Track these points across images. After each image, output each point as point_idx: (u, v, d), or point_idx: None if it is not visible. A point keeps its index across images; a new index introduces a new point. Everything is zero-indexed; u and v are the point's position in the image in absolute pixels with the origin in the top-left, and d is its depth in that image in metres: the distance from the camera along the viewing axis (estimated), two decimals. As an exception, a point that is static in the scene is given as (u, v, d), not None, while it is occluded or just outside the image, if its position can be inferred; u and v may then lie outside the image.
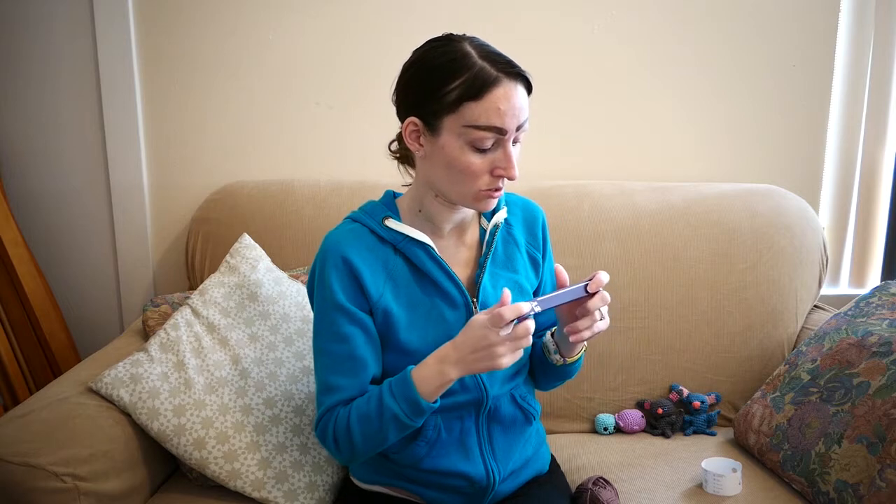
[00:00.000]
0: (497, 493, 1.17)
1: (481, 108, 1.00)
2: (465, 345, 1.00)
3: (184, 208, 1.83)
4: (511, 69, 1.02)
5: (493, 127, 1.01)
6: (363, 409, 1.06)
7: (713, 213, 1.69)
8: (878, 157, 1.97)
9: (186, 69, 1.79)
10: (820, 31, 1.88)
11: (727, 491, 1.29)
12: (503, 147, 1.04)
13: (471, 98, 1.00)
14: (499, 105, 1.00)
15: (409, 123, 1.06)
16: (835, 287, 2.05)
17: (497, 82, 1.00)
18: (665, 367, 1.64)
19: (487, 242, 1.17)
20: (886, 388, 1.21)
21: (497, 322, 0.95)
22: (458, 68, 1.01)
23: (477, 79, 1.00)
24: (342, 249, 1.10)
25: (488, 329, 0.97)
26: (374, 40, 1.80)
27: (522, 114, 1.04)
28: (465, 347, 1.00)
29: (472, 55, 1.02)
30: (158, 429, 1.25)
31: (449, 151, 1.04)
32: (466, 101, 1.01)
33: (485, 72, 1.00)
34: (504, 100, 1.01)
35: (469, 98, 1.00)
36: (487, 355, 0.98)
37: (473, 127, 1.01)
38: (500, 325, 0.95)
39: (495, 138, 1.03)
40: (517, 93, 1.02)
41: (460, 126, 1.02)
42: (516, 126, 1.03)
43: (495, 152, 1.04)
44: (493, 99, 1.00)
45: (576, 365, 1.19)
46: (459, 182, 1.06)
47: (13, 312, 1.74)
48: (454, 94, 1.01)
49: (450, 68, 1.01)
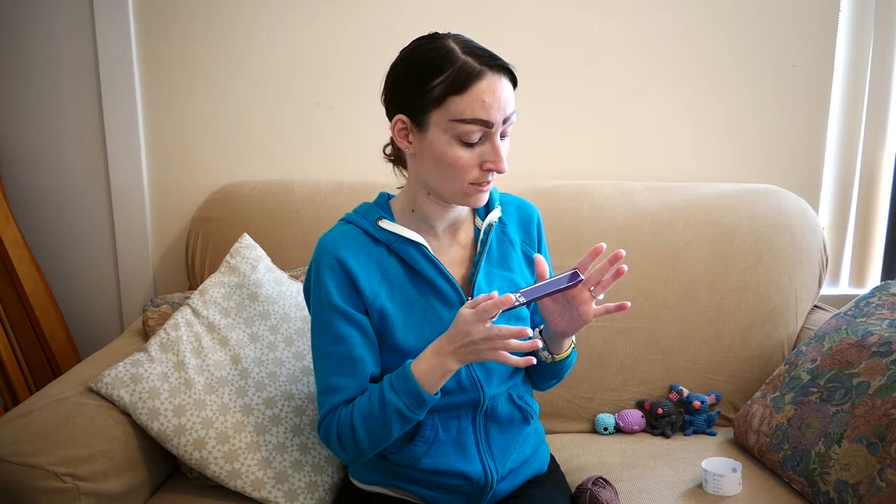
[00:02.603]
0: (496, 493, 1.17)
1: (466, 102, 1.01)
2: (456, 339, 1.01)
3: (184, 208, 1.83)
4: (494, 62, 1.03)
5: (478, 120, 1.02)
6: (365, 406, 1.07)
7: (713, 213, 1.69)
8: (878, 157, 1.98)
9: (186, 69, 1.79)
10: (820, 31, 1.88)
11: (727, 491, 1.29)
12: (491, 140, 1.05)
13: (455, 92, 1.01)
14: (483, 98, 1.01)
15: (398, 121, 1.07)
16: (835, 287, 2.05)
17: (481, 75, 1.01)
18: (665, 367, 1.64)
19: (482, 241, 1.17)
20: (886, 388, 1.22)
21: (483, 317, 0.97)
22: (442, 64, 1.02)
23: (461, 73, 1.01)
24: (336, 251, 1.11)
25: (474, 324, 0.98)
26: (374, 40, 1.79)
27: (508, 106, 1.04)
28: (455, 341, 1.01)
29: (456, 51, 1.03)
30: (158, 429, 1.25)
31: (437, 147, 1.05)
32: (451, 95, 1.02)
33: (468, 65, 1.02)
34: (489, 92, 1.02)
35: (454, 92, 1.01)
36: (476, 350, 1.00)
37: (459, 121, 1.02)
38: (486, 319, 0.97)
39: (482, 131, 1.03)
40: (502, 85, 1.03)
41: (446, 120, 1.03)
42: (503, 119, 1.04)
43: (483, 146, 1.05)
44: (477, 92, 1.01)
45: (566, 362, 1.19)
46: (449, 177, 1.06)
47: (13, 312, 1.74)
48: (439, 89, 1.02)
49: (434, 64, 1.03)
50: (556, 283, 1.02)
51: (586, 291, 1.06)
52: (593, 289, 1.06)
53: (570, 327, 1.10)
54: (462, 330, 1.00)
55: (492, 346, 0.99)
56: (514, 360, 1.00)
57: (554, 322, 1.10)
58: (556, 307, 1.09)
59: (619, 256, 1.03)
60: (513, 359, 1.00)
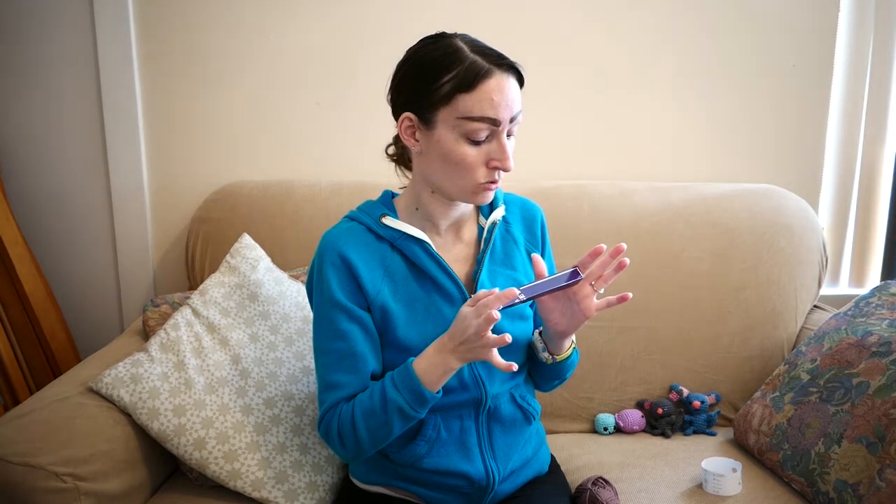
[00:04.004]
0: (497, 494, 1.17)
1: (474, 100, 1.02)
2: (456, 336, 1.01)
3: (184, 208, 1.83)
4: (502, 61, 1.04)
5: (486, 118, 1.02)
6: (366, 403, 1.07)
7: (713, 213, 1.69)
8: (878, 157, 1.97)
9: (187, 69, 1.79)
10: (820, 31, 1.88)
11: (727, 491, 1.29)
12: (497, 139, 1.05)
13: (464, 90, 1.02)
14: (492, 96, 1.02)
15: (405, 119, 1.08)
16: (835, 287, 2.05)
17: (489, 74, 1.02)
18: (665, 367, 1.64)
19: (486, 239, 1.17)
20: (886, 388, 1.22)
21: (482, 312, 0.97)
22: (450, 62, 1.03)
23: (469, 71, 1.02)
24: (339, 247, 1.11)
25: (474, 319, 0.98)
26: (374, 40, 1.79)
27: (515, 105, 1.05)
28: (456, 339, 1.01)
29: (464, 49, 1.04)
30: (158, 429, 1.25)
31: (444, 144, 1.05)
32: (460, 93, 1.02)
33: (477, 64, 1.02)
34: (497, 91, 1.02)
35: (462, 90, 1.02)
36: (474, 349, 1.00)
37: (467, 118, 1.03)
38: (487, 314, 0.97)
39: (489, 129, 1.04)
40: (509, 84, 1.04)
41: (454, 118, 1.03)
42: (510, 117, 1.05)
43: (490, 144, 1.05)
44: (485, 90, 1.02)
45: (567, 363, 1.19)
46: (456, 175, 1.06)
47: (13, 312, 1.74)
48: (447, 87, 1.02)
49: (442, 62, 1.03)
50: (557, 281, 1.03)
51: (587, 286, 1.07)
52: (594, 283, 1.07)
53: (570, 325, 1.10)
54: (462, 326, 1.00)
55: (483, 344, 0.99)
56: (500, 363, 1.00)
57: (553, 321, 1.10)
58: (555, 305, 1.09)
59: (621, 250, 1.05)
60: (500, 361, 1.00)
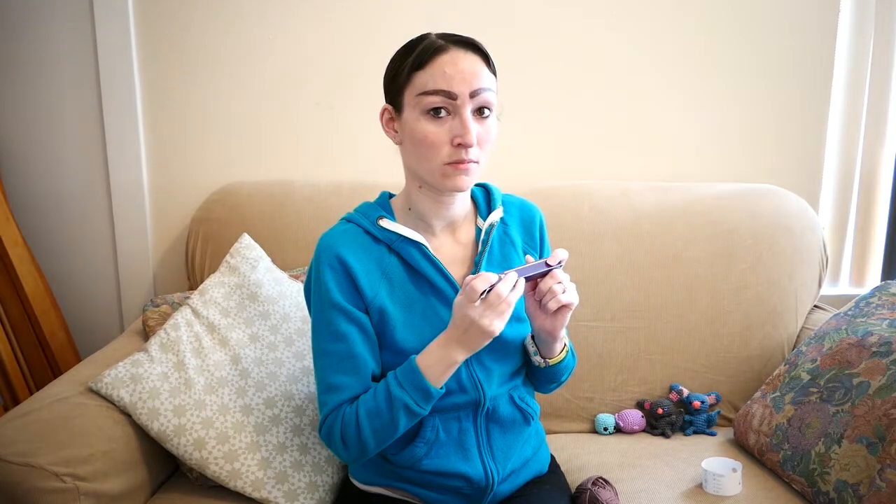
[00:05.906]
0: (496, 494, 1.17)
1: (428, 75, 1.04)
2: (457, 326, 1.02)
3: (184, 208, 1.83)
4: (459, 38, 1.06)
5: (440, 90, 1.04)
6: (370, 403, 1.07)
7: (713, 213, 1.69)
8: (878, 157, 1.97)
9: (187, 69, 1.79)
10: (820, 31, 1.88)
11: (727, 491, 1.29)
12: (459, 114, 1.05)
13: (419, 67, 1.05)
14: (444, 69, 1.04)
15: (384, 111, 1.12)
16: (835, 287, 2.05)
17: (443, 49, 1.05)
18: (665, 367, 1.64)
19: (483, 241, 1.17)
20: (886, 388, 1.22)
21: (472, 296, 0.99)
22: (412, 48, 1.07)
23: (425, 50, 1.05)
24: (336, 249, 1.11)
25: (466, 306, 1.00)
26: (374, 40, 1.79)
27: (475, 79, 1.05)
28: (458, 328, 1.02)
29: (430, 36, 1.07)
30: (158, 429, 1.25)
31: (410, 125, 1.07)
32: (415, 71, 1.05)
33: (433, 44, 1.05)
34: (450, 64, 1.04)
35: (417, 67, 1.05)
36: (477, 328, 1.00)
37: (423, 93, 1.05)
38: (475, 298, 0.99)
39: (446, 103, 1.04)
40: (465, 57, 1.05)
41: (414, 97, 1.06)
42: (468, 91, 1.04)
43: (454, 121, 1.05)
44: (439, 64, 1.04)
45: (560, 367, 1.18)
46: (423, 157, 1.07)
47: (13, 312, 1.74)
48: (406, 69, 1.06)
49: (406, 50, 1.08)
50: (535, 268, 1.05)
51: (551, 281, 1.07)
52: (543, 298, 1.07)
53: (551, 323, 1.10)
54: (459, 315, 1.01)
55: (497, 313, 1.00)
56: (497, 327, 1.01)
57: (538, 320, 1.11)
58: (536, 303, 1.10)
59: None
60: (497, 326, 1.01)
